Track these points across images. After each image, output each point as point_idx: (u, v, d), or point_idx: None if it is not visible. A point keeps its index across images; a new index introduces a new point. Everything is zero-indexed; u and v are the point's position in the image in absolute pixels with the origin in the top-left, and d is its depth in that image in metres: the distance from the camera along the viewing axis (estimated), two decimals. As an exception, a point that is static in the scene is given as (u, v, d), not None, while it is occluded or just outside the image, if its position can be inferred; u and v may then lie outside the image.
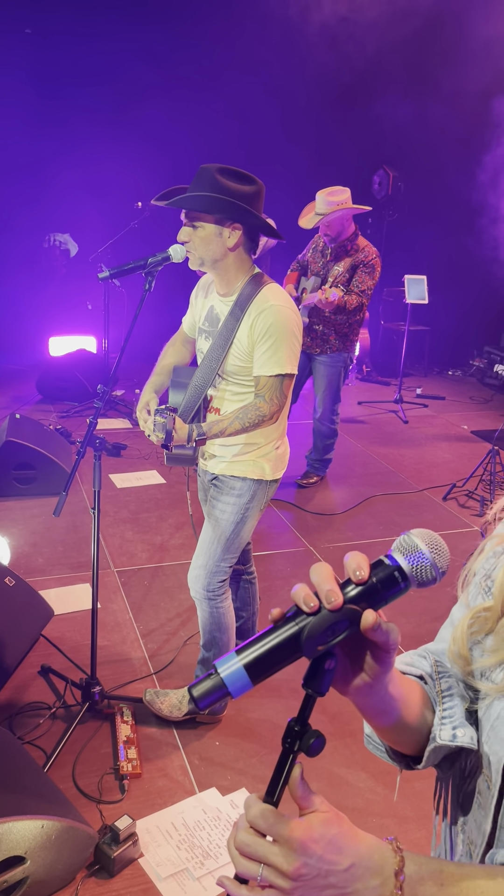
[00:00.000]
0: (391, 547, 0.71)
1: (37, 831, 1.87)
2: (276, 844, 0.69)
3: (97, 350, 6.85)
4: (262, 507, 2.48)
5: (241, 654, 0.67)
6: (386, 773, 2.48)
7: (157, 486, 4.67)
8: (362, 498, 4.70)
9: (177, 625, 3.24)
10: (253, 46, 6.40)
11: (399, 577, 0.68)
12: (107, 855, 2.04)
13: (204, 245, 2.18)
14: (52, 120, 6.75)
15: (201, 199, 2.11)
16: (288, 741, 0.70)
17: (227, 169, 2.14)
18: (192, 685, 0.68)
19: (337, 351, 4.52)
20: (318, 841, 0.69)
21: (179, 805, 2.30)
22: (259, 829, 0.70)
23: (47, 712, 2.63)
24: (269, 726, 2.67)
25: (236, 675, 0.67)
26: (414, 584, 0.69)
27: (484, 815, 0.85)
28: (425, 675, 0.89)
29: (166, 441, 2.18)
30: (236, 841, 0.71)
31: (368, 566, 0.69)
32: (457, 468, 5.30)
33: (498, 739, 0.81)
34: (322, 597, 0.67)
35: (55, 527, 4.02)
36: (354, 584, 0.69)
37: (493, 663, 0.83)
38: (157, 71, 6.76)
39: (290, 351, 2.24)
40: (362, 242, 4.42)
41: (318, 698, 0.70)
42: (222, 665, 0.67)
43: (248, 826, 0.70)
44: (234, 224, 2.16)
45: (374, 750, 0.95)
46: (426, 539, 0.69)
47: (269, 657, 0.67)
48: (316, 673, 0.68)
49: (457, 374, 8.24)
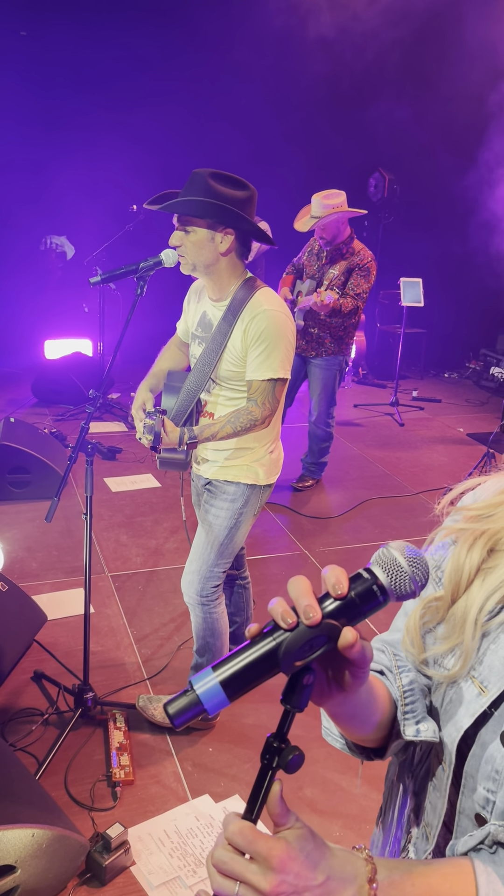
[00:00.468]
0: (370, 560, 0.70)
1: (27, 840, 1.85)
2: (253, 862, 0.68)
3: (93, 353, 6.84)
4: (256, 512, 2.47)
5: (218, 671, 0.66)
6: (380, 780, 2.47)
7: (153, 490, 4.66)
8: (358, 501, 4.69)
9: (171, 630, 3.23)
10: (249, 52, 6.39)
11: (378, 591, 0.67)
12: (98, 863, 2.03)
13: (196, 250, 2.17)
14: (47, 123, 6.75)
15: (193, 204, 2.10)
16: (266, 757, 0.69)
17: (219, 174, 2.13)
18: (167, 702, 0.67)
19: (332, 354, 4.52)
20: (296, 858, 0.69)
21: (172, 812, 2.29)
22: (236, 846, 0.69)
23: (40, 718, 2.62)
24: (262, 732, 2.65)
25: (212, 691, 0.65)
26: (393, 597, 0.68)
27: (439, 796, 0.87)
28: (385, 670, 0.91)
29: (155, 443, 2.16)
30: (213, 858, 0.70)
31: (347, 580, 0.68)
32: (452, 471, 5.30)
33: (450, 721, 0.83)
34: (300, 612, 0.67)
35: (49, 531, 4.01)
36: (333, 598, 0.68)
37: (444, 650, 0.85)
38: (153, 74, 6.76)
39: (283, 355, 2.23)
40: (358, 246, 4.42)
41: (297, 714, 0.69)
42: (198, 682, 0.66)
43: (225, 843, 0.70)
44: (226, 229, 2.15)
45: (333, 742, 0.97)
46: (405, 552, 0.68)
47: (245, 673, 0.66)
48: (294, 688, 0.67)
49: (453, 377, 8.24)
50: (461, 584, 0.85)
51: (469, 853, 0.80)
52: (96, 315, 6.15)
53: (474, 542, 0.86)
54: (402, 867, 0.75)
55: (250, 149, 6.70)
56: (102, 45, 6.52)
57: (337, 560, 3.91)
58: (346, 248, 4.40)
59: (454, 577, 0.85)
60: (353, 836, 2.24)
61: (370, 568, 0.69)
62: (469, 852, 0.80)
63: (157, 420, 2.16)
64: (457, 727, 0.83)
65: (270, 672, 0.67)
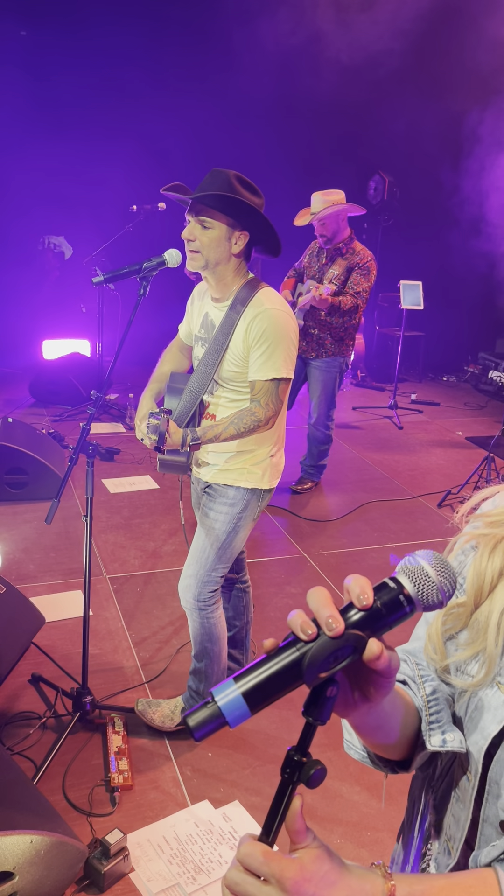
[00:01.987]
0: (395, 569, 0.68)
1: (26, 846, 1.83)
2: (266, 884, 0.66)
3: (91, 354, 6.81)
4: (256, 517, 2.45)
5: (240, 682, 0.64)
6: (379, 786, 2.45)
7: (151, 492, 4.64)
8: (357, 504, 4.67)
9: (169, 633, 3.20)
10: (248, 54, 6.38)
11: (404, 601, 0.66)
12: (97, 870, 2.01)
13: (212, 246, 2.15)
14: (46, 123, 6.72)
15: (222, 199, 2.06)
16: (287, 772, 0.67)
17: (241, 177, 2.12)
18: (187, 714, 0.65)
19: (332, 355, 4.51)
20: (311, 879, 0.67)
21: (171, 818, 2.26)
22: (249, 867, 0.67)
23: (38, 722, 2.59)
24: (262, 737, 2.63)
25: (234, 703, 0.63)
26: (420, 607, 0.66)
27: (462, 807, 0.85)
28: (408, 680, 0.89)
29: (159, 443, 2.14)
30: (225, 879, 0.68)
31: (372, 590, 0.66)
32: (451, 474, 5.28)
33: (476, 730, 0.82)
34: (322, 623, 0.65)
35: (47, 533, 3.98)
36: (357, 609, 0.66)
37: (467, 656, 0.84)
38: (152, 75, 6.74)
39: (285, 355, 2.21)
40: (358, 246, 4.43)
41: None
42: (219, 693, 0.64)
43: (238, 864, 0.68)
44: (243, 231, 2.14)
45: (355, 755, 0.95)
46: (432, 561, 0.67)
47: (268, 685, 0.64)
48: (317, 700, 0.65)
49: (451, 380, 8.23)
50: (483, 590, 0.84)
51: (493, 863, 0.78)
52: (95, 316, 6.12)
53: (495, 547, 0.85)
54: (422, 882, 0.73)
55: (250, 149, 6.68)
56: (102, 46, 6.51)
57: (336, 563, 3.89)
58: (346, 248, 4.40)
59: (476, 583, 0.84)
60: (352, 845, 2.22)
61: (396, 577, 0.67)
62: (493, 863, 0.78)
63: (162, 420, 2.13)
64: (483, 735, 0.81)
65: (294, 684, 0.65)
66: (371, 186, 7.61)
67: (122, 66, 6.63)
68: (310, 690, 0.66)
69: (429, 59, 6.49)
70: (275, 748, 2.57)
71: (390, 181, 7.35)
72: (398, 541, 4.20)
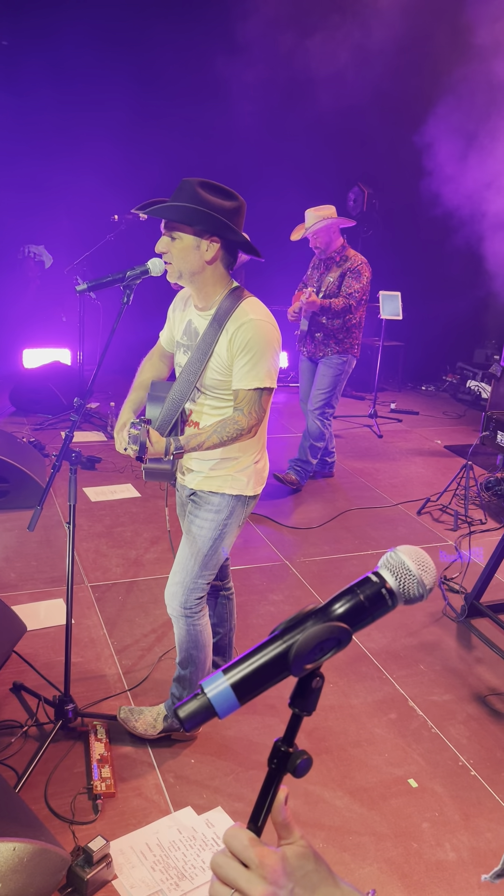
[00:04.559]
0: (378, 564, 0.71)
1: (8, 854, 1.82)
2: (248, 870, 0.68)
3: (71, 362, 6.80)
4: (241, 523, 2.47)
5: (228, 674, 0.66)
6: (362, 791, 2.47)
7: (133, 500, 4.64)
8: (338, 512, 4.71)
9: (152, 640, 3.20)
10: (231, 68, 6.44)
11: (386, 595, 0.68)
12: (80, 877, 2.00)
13: (181, 256, 2.18)
14: (27, 132, 6.73)
15: (180, 210, 2.11)
16: (275, 762, 0.69)
17: (208, 183, 2.14)
18: (178, 705, 0.67)
19: (338, 353, 4.82)
20: (291, 874, 0.68)
21: (154, 825, 2.26)
22: (232, 850, 0.69)
23: (19, 731, 2.58)
24: (244, 744, 2.64)
25: (223, 695, 0.66)
26: (401, 601, 0.69)
27: None
28: None
29: (140, 453, 2.15)
30: (211, 861, 0.70)
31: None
32: (431, 482, 5.34)
33: None
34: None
35: (28, 541, 3.97)
36: (344, 602, 0.68)
37: None
38: (135, 86, 6.78)
39: (269, 364, 2.24)
40: (351, 253, 4.77)
41: None
42: (209, 685, 0.66)
43: (225, 848, 0.69)
44: (212, 237, 2.16)
45: None
46: (413, 556, 0.69)
47: (256, 676, 0.66)
48: (303, 692, 0.68)
49: (430, 390, 8.33)
50: None
51: None
52: (76, 324, 6.12)
53: None
54: None
55: (230, 161, 6.74)
56: (83, 55, 6.54)
57: (318, 570, 3.92)
58: (339, 256, 4.75)
59: None
60: (334, 849, 2.23)
61: (378, 572, 0.69)
62: None
63: (142, 430, 2.14)
64: None
65: (281, 675, 0.67)
66: (350, 198, 7.70)
67: (105, 76, 6.66)
68: (296, 682, 0.68)
69: (404, 71, 6.59)
70: (257, 754, 2.58)
71: (369, 193, 7.45)
72: (379, 548, 4.24)
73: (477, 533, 4.51)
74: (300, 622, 0.68)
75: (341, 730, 2.75)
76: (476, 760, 2.66)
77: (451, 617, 3.56)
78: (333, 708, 2.86)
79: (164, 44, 6.77)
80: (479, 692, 3.04)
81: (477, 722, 2.86)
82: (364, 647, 3.26)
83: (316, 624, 0.66)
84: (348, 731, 2.75)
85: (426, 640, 3.35)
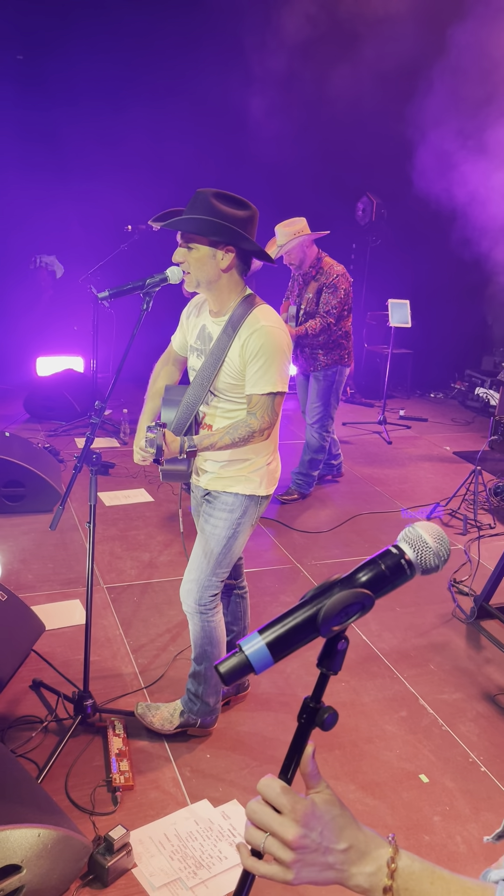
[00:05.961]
0: (397, 538, 0.78)
1: (33, 840, 1.89)
2: (280, 815, 0.75)
3: (84, 370, 6.91)
4: (254, 523, 2.54)
5: (264, 634, 0.74)
6: (374, 785, 2.53)
7: (146, 504, 4.71)
8: (348, 516, 4.77)
9: (167, 640, 3.27)
10: (238, 80, 6.56)
11: (405, 565, 0.75)
12: (101, 865, 2.06)
13: (198, 266, 2.27)
14: (41, 144, 6.86)
15: (196, 222, 2.19)
16: (303, 717, 0.76)
17: (222, 193, 2.23)
18: (217, 662, 0.74)
19: (327, 366, 4.77)
20: (320, 818, 0.76)
21: (172, 816, 2.32)
22: (265, 797, 0.76)
23: (39, 726, 2.65)
24: (259, 739, 2.70)
25: (260, 652, 0.73)
26: (419, 571, 0.76)
27: None
28: None
29: (157, 456, 2.24)
30: (246, 809, 0.77)
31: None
32: (440, 487, 5.40)
33: None
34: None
35: (45, 543, 4.05)
36: (367, 570, 0.75)
37: None
38: (146, 98, 6.90)
39: (280, 370, 2.32)
40: (326, 264, 4.63)
41: None
42: (246, 644, 0.74)
43: (260, 797, 0.77)
44: (227, 246, 2.25)
45: None
46: (429, 531, 0.77)
47: (289, 636, 0.74)
48: (330, 653, 0.75)
49: (439, 397, 8.38)
50: None
51: (500, 882, 0.79)
52: (89, 333, 6.22)
53: None
54: (426, 864, 0.78)
55: (242, 172, 6.85)
56: (97, 69, 6.67)
57: (328, 573, 3.98)
58: (316, 270, 4.64)
59: None
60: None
61: (398, 544, 0.77)
62: (500, 882, 0.79)
63: (159, 434, 2.24)
64: None
65: (310, 636, 0.74)
66: (359, 208, 7.79)
67: (118, 88, 6.80)
68: (324, 644, 0.75)
69: (416, 80, 6.69)
70: (272, 749, 2.64)
71: (378, 202, 7.53)
72: (389, 551, 4.29)
73: (486, 537, 4.56)
74: (327, 589, 0.75)
75: (353, 726, 2.81)
76: (486, 757, 2.71)
77: (460, 619, 3.62)
78: (345, 705, 2.92)
79: (179, 56, 6.89)
80: (489, 691, 3.09)
81: (486, 720, 2.91)
82: (375, 647, 3.32)
83: (342, 590, 0.74)
84: (360, 728, 2.80)
85: (436, 641, 3.41)
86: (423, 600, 3.71)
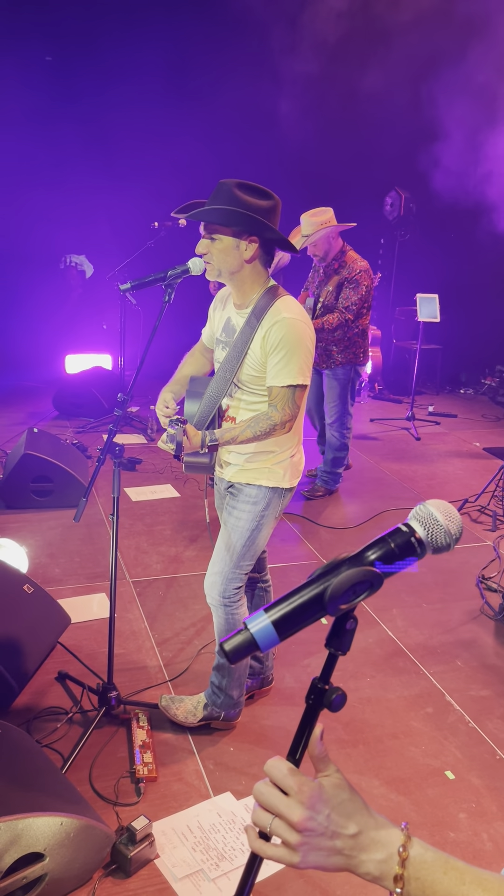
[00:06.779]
0: (408, 516, 0.76)
1: (56, 828, 1.90)
2: (287, 797, 0.74)
3: (112, 367, 6.95)
4: (278, 515, 2.53)
5: (270, 612, 0.73)
6: (398, 781, 2.50)
7: (172, 500, 4.73)
8: (375, 512, 4.73)
9: (191, 634, 3.28)
10: (266, 79, 6.54)
11: (416, 544, 0.73)
12: (124, 855, 2.07)
13: (221, 256, 2.26)
14: (69, 143, 6.92)
15: (219, 213, 2.18)
16: (311, 698, 0.75)
17: (245, 184, 2.21)
18: (223, 640, 0.73)
19: (341, 364, 4.67)
20: (328, 801, 0.74)
21: (195, 808, 2.32)
22: (272, 779, 0.74)
23: (64, 717, 2.67)
24: (282, 733, 2.69)
25: (265, 630, 0.72)
26: (429, 549, 0.74)
27: None
28: None
29: (177, 452, 2.24)
30: (254, 790, 0.76)
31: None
32: (469, 483, 5.32)
33: None
34: None
35: (71, 538, 4.08)
36: (376, 549, 0.74)
37: None
38: (174, 97, 6.92)
39: (302, 362, 2.29)
40: (350, 258, 4.52)
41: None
42: (252, 622, 0.72)
43: (267, 779, 0.75)
44: (250, 237, 2.23)
45: None
46: (441, 508, 0.75)
47: (295, 615, 0.72)
48: (338, 632, 0.73)
49: (468, 393, 8.28)
50: None
51: None
52: (117, 330, 6.26)
53: None
54: (439, 854, 0.76)
55: (269, 168, 6.83)
56: (124, 65, 6.70)
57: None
58: (339, 263, 4.52)
59: None
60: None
61: (408, 523, 0.75)
62: None
63: (179, 430, 2.24)
64: None
65: (317, 614, 0.73)
66: (387, 202, 7.72)
67: (145, 86, 6.82)
68: (332, 624, 0.74)
69: (443, 77, 6.61)
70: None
71: (406, 197, 7.46)
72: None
73: (516, 533, 4.49)
74: (335, 567, 0.74)
75: (378, 722, 2.78)
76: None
77: (488, 615, 3.56)
78: (370, 701, 2.89)
79: (204, 53, 6.90)
80: (518, 688, 3.04)
81: (515, 717, 2.86)
82: (401, 642, 3.29)
83: (350, 568, 0.72)
84: (385, 724, 2.78)
85: (463, 638, 3.36)
86: (450, 597, 3.66)
